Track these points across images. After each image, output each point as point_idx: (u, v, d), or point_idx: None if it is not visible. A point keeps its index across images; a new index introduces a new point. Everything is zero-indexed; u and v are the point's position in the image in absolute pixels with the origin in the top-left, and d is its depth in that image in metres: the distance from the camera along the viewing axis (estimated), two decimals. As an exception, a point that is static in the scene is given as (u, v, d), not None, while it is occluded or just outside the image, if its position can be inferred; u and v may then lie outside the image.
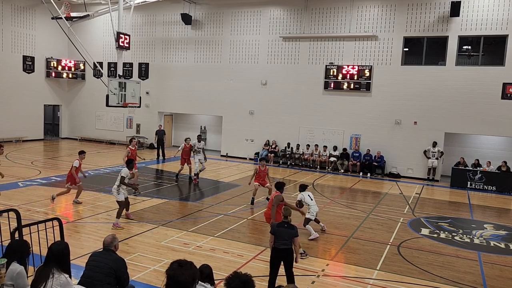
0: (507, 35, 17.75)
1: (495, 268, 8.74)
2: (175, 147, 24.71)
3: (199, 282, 4.10)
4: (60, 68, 26.47)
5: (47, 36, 25.81)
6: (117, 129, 26.66)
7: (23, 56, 24.92)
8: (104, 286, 5.09)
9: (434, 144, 18.94)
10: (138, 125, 26.01)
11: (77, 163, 11.91)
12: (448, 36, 18.65)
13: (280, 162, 21.82)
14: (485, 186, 17.65)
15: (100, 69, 20.91)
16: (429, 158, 19.02)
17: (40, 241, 6.41)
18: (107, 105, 16.57)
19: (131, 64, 25.54)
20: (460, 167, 18.32)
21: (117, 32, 17.05)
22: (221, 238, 9.60)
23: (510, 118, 17.83)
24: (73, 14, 21.01)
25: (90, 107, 27.05)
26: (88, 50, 19.65)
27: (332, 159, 20.63)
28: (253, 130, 22.78)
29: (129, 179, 10.70)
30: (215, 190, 15.31)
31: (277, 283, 6.55)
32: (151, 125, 24.84)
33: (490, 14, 17.96)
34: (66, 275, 4.44)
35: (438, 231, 11.14)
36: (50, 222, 6.51)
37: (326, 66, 20.79)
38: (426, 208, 13.90)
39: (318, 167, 20.83)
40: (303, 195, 10.08)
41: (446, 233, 10.99)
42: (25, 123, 25.20)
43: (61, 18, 18.82)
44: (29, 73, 25.33)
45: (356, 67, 20.17)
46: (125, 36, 17.38)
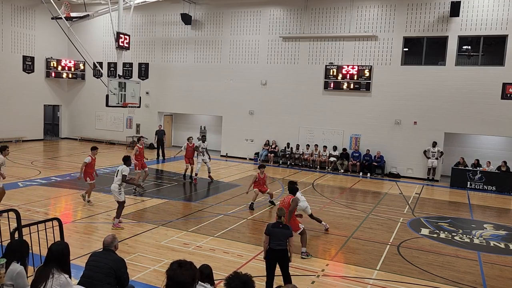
0: (507, 35, 17.75)
1: (495, 268, 8.75)
2: (175, 147, 24.78)
3: (199, 282, 4.10)
4: (60, 68, 26.46)
5: (47, 36, 25.81)
6: (117, 129, 26.65)
7: (23, 56, 24.92)
8: (104, 286, 5.09)
9: (434, 144, 18.95)
10: (138, 125, 26.00)
11: (89, 159, 11.81)
12: (448, 36, 18.65)
13: (280, 162, 21.82)
14: (485, 186, 17.65)
15: (100, 69, 20.92)
16: (429, 158, 19.02)
17: (40, 241, 6.40)
18: (107, 105, 16.59)
19: (131, 64, 25.54)
20: (460, 167, 18.33)
21: (117, 32, 17.06)
22: (221, 238, 9.60)
23: (510, 118, 17.84)
24: (73, 14, 21.02)
25: (90, 107, 27.04)
26: (88, 50, 19.65)
27: (332, 159, 20.63)
28: (253, 130, 22.78)
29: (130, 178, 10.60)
30: (215, 190, 15.30)
31: (276, 283, 6.55)
32: (151, 125, 24.83)
33: (490, 14, 17.96)
34: (66, 275, 4.45)
35: (438, 231, 11.14)
36: (50, 222, 6.50)
37: (326, 66, 20.79)
38: (426, 208, 13.90)
39: (318, 167, 20.83)
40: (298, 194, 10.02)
41: (446, 233, 10.99)
42: (25, 123, 25.20)
43: (61, 18, 18.82)
44: (29, 73, 25.33)
45: (356, 67, 20.17)
46: (125, 36, 17.39)
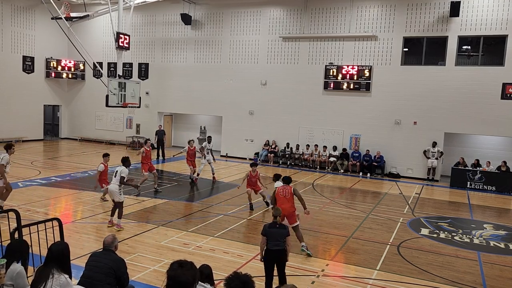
0: (507, 35, 17.75)
1: (495, 268, 8.75)
2: (175, 147, 24.78)
3: (199, 282, 4.10)
4: (60, 68, 26.45)
5: (47, 36, 25.81)
6: (117, 129, 26.65)
7: (23, 56, 24.91)
8: (104, 286, 5.09)
9: (434, 144, 18.95)
10: (138, 125, 26.00)
11: (102, 167, 11.78)
12: (448, 36, 18.66)
13: (280, 162, 21.83)
14: (485, 186, 17.65)
15: (100, 69, 20.89)
16: (429, 158, 19.02)
17: (40, 242, 6.40)
18: (107, 105, 16.57)
19: (131, 64, 25.54)
20: (460, 167, 18.33)
21: (117, 32, 17.05)
22: (221, 238, 9.61)
23: (510, 118, 17.84)
24: (73, 14, 20.99)
25: (90, 107, 27.04)
26: (88, 50, 19.63)
27: (332, 159, 20.63)
28: (253, 130, 22.78)
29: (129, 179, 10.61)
30: (215, 190, 15.31)
31: (276, 284, 6.55)
32: (151, 125, 24.82)
33: (490, 14, 17.97)
34: (66, 276, 4.44)
35: (438, 231, 11.15)
36: (50, 222, 6.50)
37: (326, 66, 20.79)
38: (426, 208, 13.91)
39: (318, 167, 20.83)
40: (279, 184, 9.87)
41: (446, 233, 11.00)
42: (25, 123, 25.19)
43: (61, 18, 18.81)
44: (29, 73, 25.33)
45: (356, 67, 20.17)
46: (125, 36, 17.38)
